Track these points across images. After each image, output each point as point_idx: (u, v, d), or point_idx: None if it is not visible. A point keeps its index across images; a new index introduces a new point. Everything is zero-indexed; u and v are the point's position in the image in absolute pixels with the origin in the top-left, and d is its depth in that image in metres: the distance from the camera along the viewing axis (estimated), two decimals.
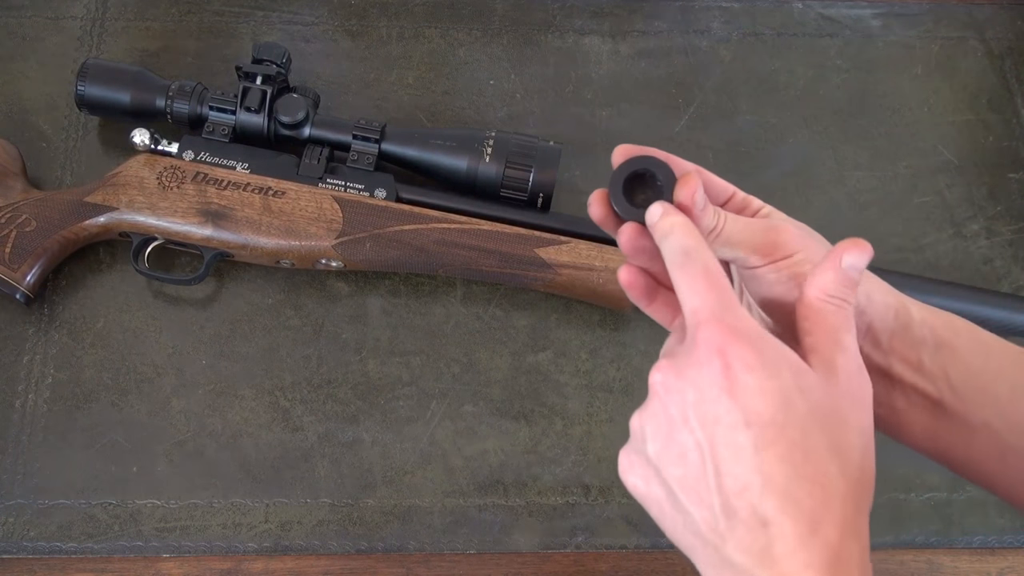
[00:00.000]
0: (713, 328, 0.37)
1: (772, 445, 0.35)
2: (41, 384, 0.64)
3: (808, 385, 0.37)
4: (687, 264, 0.39)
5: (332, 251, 0.64)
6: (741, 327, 0.37)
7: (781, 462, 0.35)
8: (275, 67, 0.67)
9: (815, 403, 0.36)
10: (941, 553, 0.64)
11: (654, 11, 0.80)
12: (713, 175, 0.45)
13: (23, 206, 0.65)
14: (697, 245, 0.39)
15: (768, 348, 0.37)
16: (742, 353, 0.36)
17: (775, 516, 0.35)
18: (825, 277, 0.40)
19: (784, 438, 0.35)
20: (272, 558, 0.61)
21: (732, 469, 0.35)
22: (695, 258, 0.39)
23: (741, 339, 0.36)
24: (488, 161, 0.65)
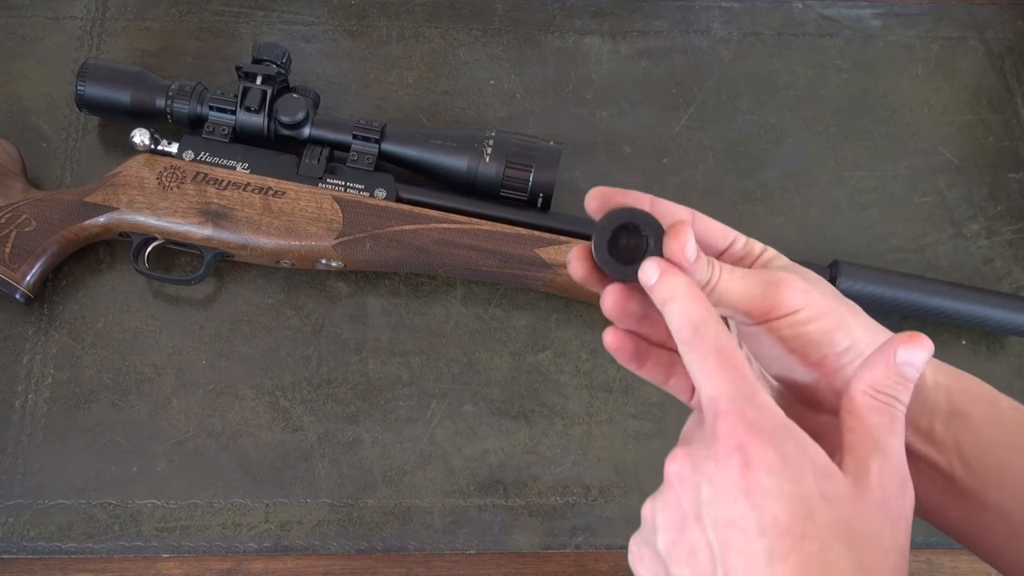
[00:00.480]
0: (733, 422, 0.34)
1: (786, 557, 0.32)
2: (41, 384, 0.64)
3: (834, 492, 0.33)
4: (697, 343, 0.36)
5: (332, 251, 0.64)
6: (763, 422, 0.34)
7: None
8: (275, 67, 0.67)
9: (840, 514, 0.33)
10: (940, 553, 0.64)
11: (654, 11, 0.80)
12: (709, 219, 0.42)
13: (23, 206, 0.65)
14: (706, 317, 0.36)
15: (792, 447, 0.34)
16: (763, 452, 0.33)
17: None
18: (875, 371, 0.36)
19: (801, 550, 0.32)
20: (272, 558, 0.61)
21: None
22: (705, 335, 0.36)
23: (763, 437, 0.34)
24: (488, 161, 0.65)
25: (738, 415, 0.34)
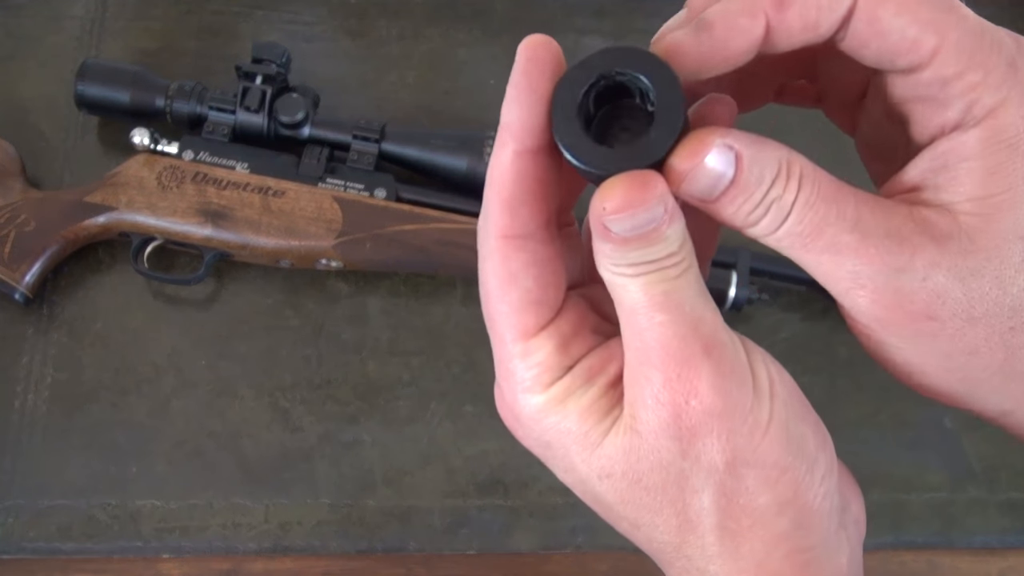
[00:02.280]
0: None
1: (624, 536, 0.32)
2: (40, 384, 0.64)
3: (607, 467, 0.30)
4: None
5: (332, 251, 0.64)
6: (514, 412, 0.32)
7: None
8: (275, 67, 0.67)
9: (623, 494, 0.30)
10: (942, 553, 0.64)
11: (654, 11, 0.80)
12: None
13: (22, 206, 0.65)
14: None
15: (551, 431, 0.31)
16: (533, 447, 0.33)
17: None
18: (600, 247, 0.28)
19: (624, 533, 0.32)
20: (272, 559, 0.61)
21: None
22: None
23: (521, 430, 0.32)
24: (488, 161, 0.65)
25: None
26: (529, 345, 0.30)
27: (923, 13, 0.27)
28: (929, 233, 0.28)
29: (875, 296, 0.28)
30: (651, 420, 0.28)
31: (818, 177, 0.28)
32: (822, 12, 0.27)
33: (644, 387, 0.28)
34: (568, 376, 0.30)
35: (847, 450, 0.72)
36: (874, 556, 0.63)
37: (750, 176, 0.28)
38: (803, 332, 0.68)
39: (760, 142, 0.28)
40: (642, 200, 0.27)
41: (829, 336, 0.68)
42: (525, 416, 0.31)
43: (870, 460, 0.65)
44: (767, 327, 0.68)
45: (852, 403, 0.66)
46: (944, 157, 0.28)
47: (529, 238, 0.30)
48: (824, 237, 0.28)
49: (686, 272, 0.28)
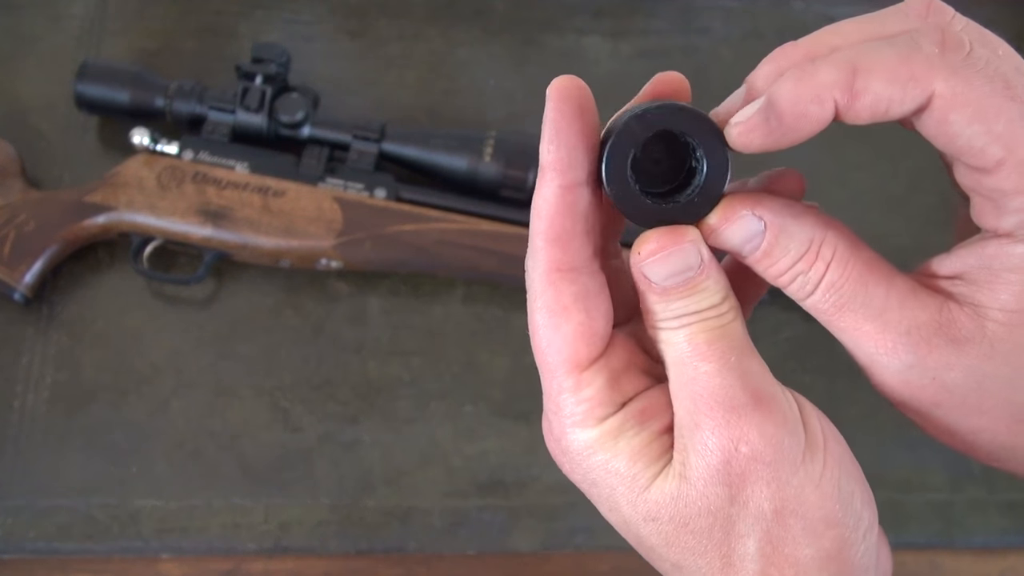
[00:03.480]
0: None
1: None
2: (40, 384, 0.64)
3: (653, 510, 0.30)
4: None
5: (332, 251, 0.64)
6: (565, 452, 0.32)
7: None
8: (275, 66, 0.67)
9: (668, 536, 0.30)
10: (942, 553, 0.64)
11: (654, 11, 0.80)
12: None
13: (22, 206, 0.65)
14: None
15: (598, 471, 0.31)
16: (580, 485, 0.33)
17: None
18: (645, 302, 0.30)
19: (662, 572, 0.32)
20: (272, 559, 0.61)
21: None
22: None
23: (571, 469, 0.32)
24: (488, 161, 0.65)
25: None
26: (581, 379, 0.30)
27: (998, 125, 0.26)
28: (951, 335, 0.28)
29: (886, 377, 0.29)
30: (701, 466, 0.29)
31: (851, 260, 0.29)
32: (893, 105, 0.26)
33: (695, 433, 0.29)
34: (620, 414, 0.30)
35: None
36: None
37: (778, 246, 0.29)
38: (804, 332, 0.68)
39: (796, 216, 0.29)
40: (674, 243, 0.28)
41: (829, 336, 0.67)
42: (573, 451, 0.31)
43: (870, 460, 0.65)
44: (768, 327, 0.68)
45: (852, 403, 0.66)
46: (990, 259, 0.28)
47: (579, 271, 0.30)
48: (846, 319, 0.29)
49: (731, 324, 0.29)
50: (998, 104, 0.26)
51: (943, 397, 0.29)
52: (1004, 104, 0.26)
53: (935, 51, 0.26)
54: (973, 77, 0.26)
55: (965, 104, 0.26)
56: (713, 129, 0.29)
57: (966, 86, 0.26)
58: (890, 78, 0.26)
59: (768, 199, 0.30)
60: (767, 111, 0.27)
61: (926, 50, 0.26)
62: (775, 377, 0.30)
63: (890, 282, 0.29)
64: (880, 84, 0.26)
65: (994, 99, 0.26)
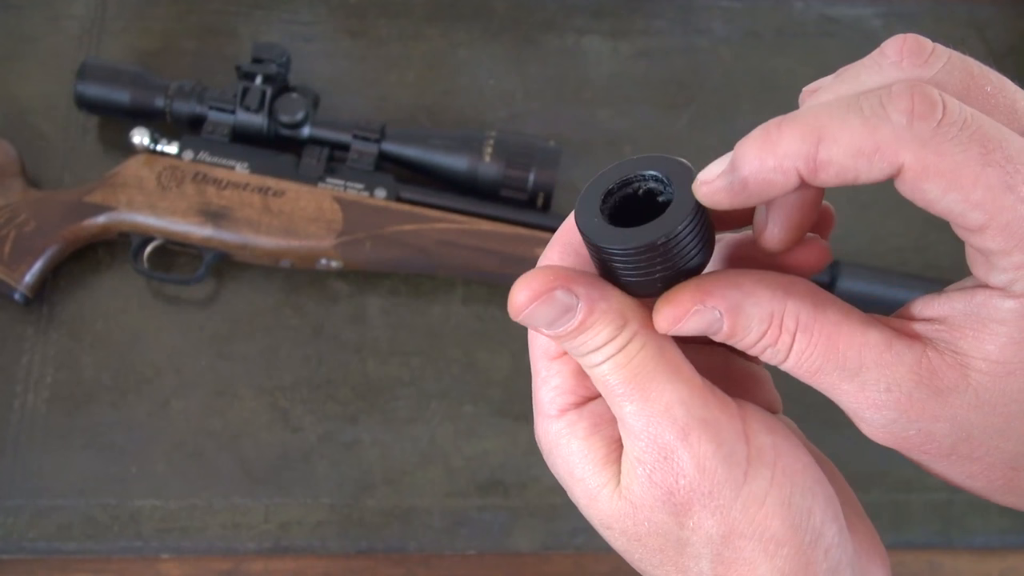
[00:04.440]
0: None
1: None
2: (40, 384, 0.64)
3: (609, 517, 0.30)
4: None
5: (332, 251, 0.64)
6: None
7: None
8: (274, 67, 0.67)
9: (626, 531, 0.30)
10: (942, 553, 0.64)
11: (654, 11, 0.80)
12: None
13: (22, 206, 0.65)
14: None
15: (561, 467, 0.31)
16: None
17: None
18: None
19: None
20: (272, 558, 0.61)
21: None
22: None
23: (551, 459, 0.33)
24: (488, 161, 0.65)
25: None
26: (551, 366, 0.31)
27: (975, 194, 0.24)
28: (933, 386, 0.27)
29: (872, 430, 0.29)
30: (645, 497, 0.29)
31: (816, 325, 0.28)
32: (860, 175, 0.25)
33: (635, 467, 0.29)
34: (577, 411, 0.30)
35: (847, 450, 0.72)
36: None
37: (739, 328, 0.28)
38: None
39: (751, 294, 0.28)
40: (543, 290, 0.28)
41: None
42: (544, 441, 0.31)
43: (870, 460, 0.65)
44: None
45: None
46: (978, 308, 0.27)
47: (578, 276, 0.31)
48: (824, 381, 0.28)
49: (641, 351, 0.28)
50: (974, 172, 0.24)
51: (931, 447, 0.29)
52: (980, 171, 0.24)
53: (902, 121, 0.24)
54: (945, 147, 0.24)
55: (938, 175, 0.24)
56: (688, 176, 0.28)
57: (937, 157, 0.24)
58: (855, 151, 0.24)
59: (718, 283, 0.28)
60: (730, 175, 0.26)
61: (893, 120, 0.24)
62: (778, 377, 0.30)
63: (864, 339, 0.28)
64: (844, 157, 0.24)
65: (969, 167, 0.24)
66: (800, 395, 0.37)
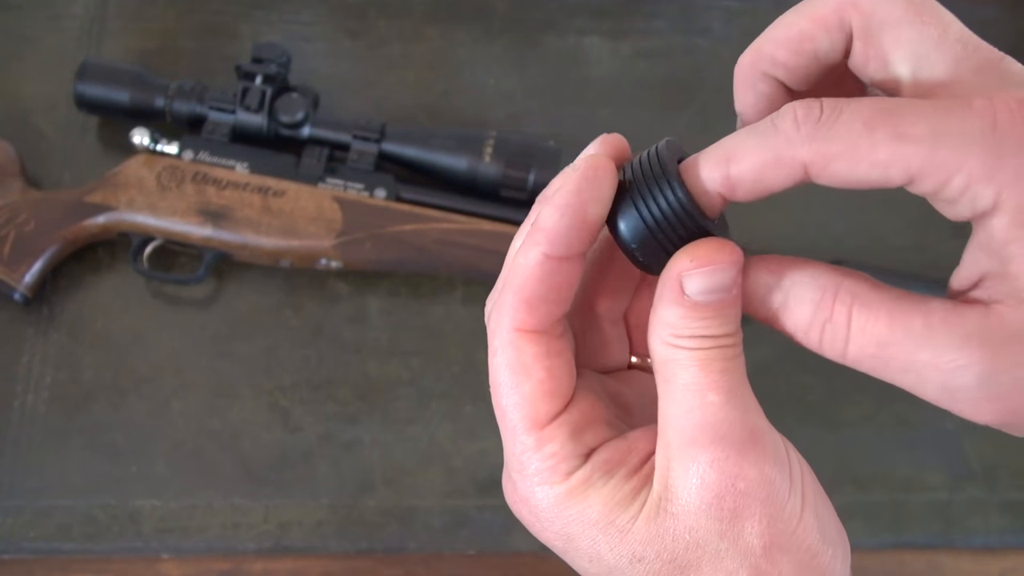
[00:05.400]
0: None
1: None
2: (40, 384, 0.64)
3: (630, 551, 0.30)
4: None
5: (332, 251, 0.64)
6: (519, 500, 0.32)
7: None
8: (275, 67, 0.67)
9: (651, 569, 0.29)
10: (942, 553, 0.64)
11: (654, 11, 0.80)
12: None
13: (22, 206, 0.65)
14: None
15: (558, 518, 0.30)
16: (544, 537, 0.32)
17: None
18: (666, 312, 0.29)
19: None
20: (272, 559, 0.61)
21: None
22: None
23: (533, 522, 0.32)
24: (488, 161, 0.65)
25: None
26: (542, 435, 0.30)
27: (880, 155, 0.26)
28: (1009, 331, 0.27)
29: (972, 404, 0.28)
30: (692, 500, 0.28)
31: (875, 299, 0.28)
32: (773, 183, 0.28)
33: (688, 467, 0.28)
34: (587, 466, 0.30)
35: (847, 450, 0.72)
36: (874, 556, 0.63)
37: (792, 297, 0.29)
38: None
39: (807, 266, 0.29)
40: (726, 260, 0.28)
41: None
42: (543, 509, 0.30)
43: (870, 460, 0.65)
44: (768, 327, 0.68)
45: (852, 403, 0.66)
46: (999, 247, 0.27)
47: (544, 333, 0.30)
48: (896, 358, 0.28)
49: (739, 356, 0.29)
50: (868, 141, 0.26)
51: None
52: (871, 136, 0.26)
53: (791, 129, 0.27)
54: (832, 133, 0.26)
55: (838, 157, 0.26)
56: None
57: (827, 144, 0.26)
58: (759, 164, 0.27)
59: (773, 260, 0.29)
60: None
61: (783, 130, 0.27)
62: (779, 377, 0.30)
63: (926, 308, 0.28)
64: (751, 171, 0.27)
65: (862, 138, 0.26)
66: (801, 395, 0.37)
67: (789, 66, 0.30)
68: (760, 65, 0.31)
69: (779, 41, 0.30)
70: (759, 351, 0.52)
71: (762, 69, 0.31)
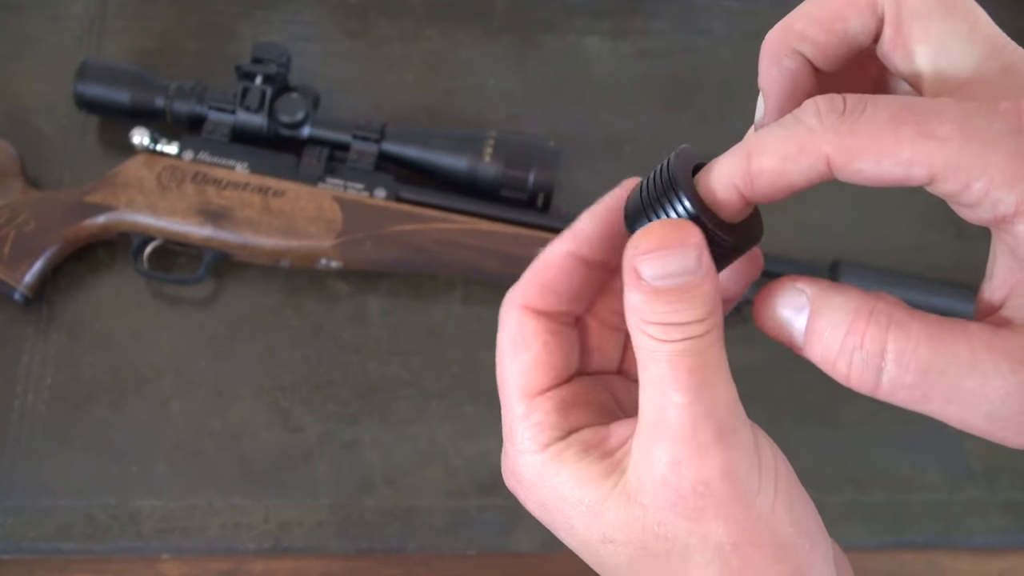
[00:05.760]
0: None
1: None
2: (40, 384, 0.64)
3: (610, 530, 0.30)
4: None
5: (332, 251, 0.64)
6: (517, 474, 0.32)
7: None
8: (275, 67, 0.67)
9: (631, 554, 0.30)
10: (941, 553, 0.64)
11: (654, 11, 0.80)
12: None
13: (22, 206, 0.65)
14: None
15: (550, 493, 0.31)
16: (534, 510, 0.32)
17: None
18: (630, 297, 0.28)
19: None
20: (272, 559, 0.61)
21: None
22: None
23: (522, 492, 0.32)
24: (488, 161, 0.65)
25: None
26: (531, 404, 0.31)
27: (904, 153, 0.26)
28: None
29: (1020, 430, 0.26)
30: (657, 497, 0.28)
31: (913, 321, 0.26)
32: (794, 177, 0.27)
33: (653, 464, 0.28)
34: (565, 441, 0.31)
35: (847, 450, 0.72)
36: (874, 556, 0.63)
37: (822, 317, 0.28)
38: None
39: (839, 287, 0.28)
40: (677, 242, 0.27)
41: None
42: (523, 477, 0.31)
43: (870, 460, 0.65)
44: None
45: (852, 403, 0.66)
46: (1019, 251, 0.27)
47: (547, 315, 0.32)
48: (938, 387, 0.26)
49: (713, 345, 0.28)
50: (893, 135, 0.25)
51: None
52: (897, 132, 0.26)
53: (814, 121, 0.26)
54: (856, 126, 0.26)
55: (863, 151, 0.26)
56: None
57: (853, 138, 0.26)
58: (781, 157, 0.27)
59: (801, 280, 0.29)
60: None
61: (807, 123, 0.27)
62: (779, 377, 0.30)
63: (967, 332, 0.26)
64: (773, 164, 0.27)
65: (886, 133, 0.25)
66: (801, 395, 0.37)
67: (819, 43, 0.30)
68: (789, 40, 0.30)
69: (811, 17, 0.30)
70: (759, 351, 0.51)
71: (790, 44, 0.30)
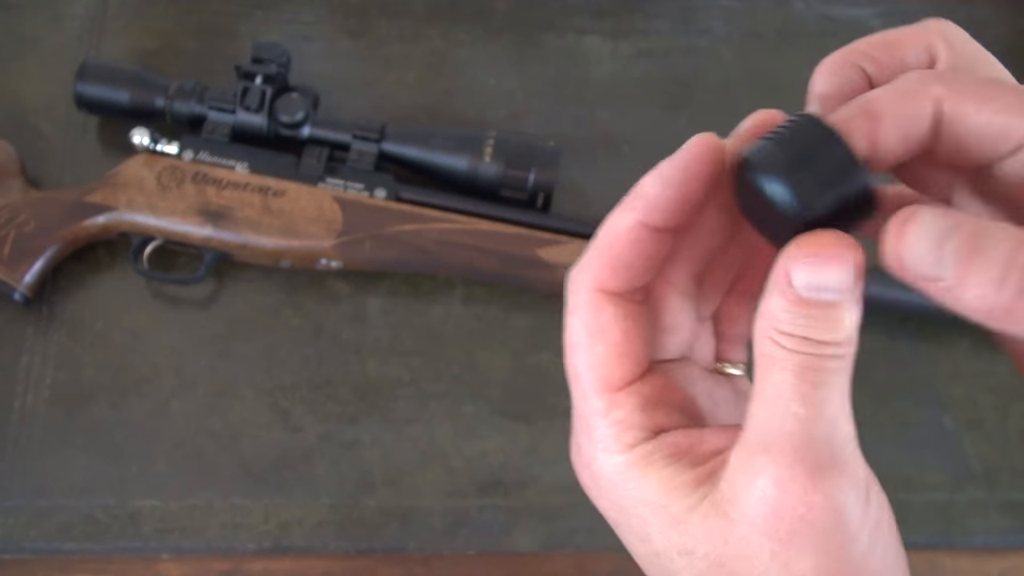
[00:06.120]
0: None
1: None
2: (40, 385, 0.64)
3: (689, 544, 0.28)
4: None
5: (332, 251, 0.64)
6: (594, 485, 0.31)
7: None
8: (275, 66, 0.67)
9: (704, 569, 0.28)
10: (942, 554, 0.64)
11: (654, 11, 0.80)
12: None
13: (22, 206, 0.65)
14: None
15: (627, 501, 0.29)
16: (610, 518, 0.31)
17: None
18: (771, 303, 0.27)
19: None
20: (272, 559, 0.61)
21: None
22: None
23: (601, 501, 0.31)
24: (488, 161, 0.65)
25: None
26: (613, 399, 0.29)
27: (1009, 98, 0.27)
28: None
29: None
30: (750, 512, 0.27)
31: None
32: (911, 123, 0.27)
33: (755, 476, 0.27)
34: (652, 443, 0.29)
35: None
36: None
37: (979, 253, 0.24)
38: None
39: (994, 222, 0.25)
40: (838, 256, 0.25)
41: None
42: (603, 476, 0.30)
43: (870, 460, 0.65)
44: None
45: (852, 403, 0.66)
46: None
47: (623, 297, 0.30)
48: None
49: (842, 372, 0.27)
50: (995, 87, 0.27)
51: None
52: (999, 87, 0.27)
53: (924, 73, 0.28)
54: (962, 76, 0.28)
55: (970, 95, 0.26)
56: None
57: (960, 83, 0.27)
58: (895, 100, 0.27)
59: (947, 210, 0.25)
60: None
61: (915, 75, 0.28)
62: None
63: None
64: (889, 105, 0.27)
65: (989, 85, 0.27)
66: None
67: (880, 61, 0.31)
68: (851, 56, 0.32)
69: (873, 42, 0.32)
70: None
71: (852, 60, 0.32)
